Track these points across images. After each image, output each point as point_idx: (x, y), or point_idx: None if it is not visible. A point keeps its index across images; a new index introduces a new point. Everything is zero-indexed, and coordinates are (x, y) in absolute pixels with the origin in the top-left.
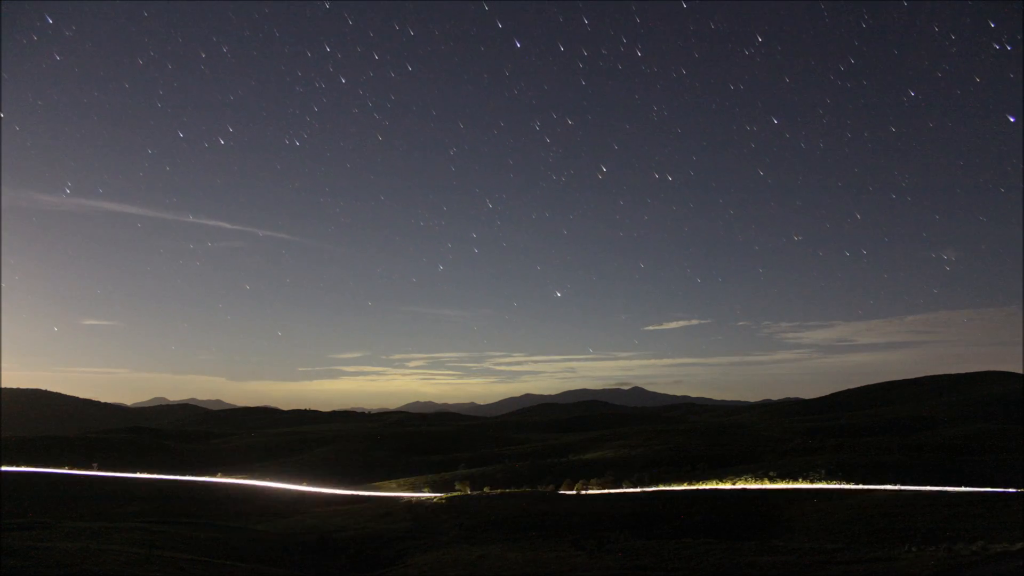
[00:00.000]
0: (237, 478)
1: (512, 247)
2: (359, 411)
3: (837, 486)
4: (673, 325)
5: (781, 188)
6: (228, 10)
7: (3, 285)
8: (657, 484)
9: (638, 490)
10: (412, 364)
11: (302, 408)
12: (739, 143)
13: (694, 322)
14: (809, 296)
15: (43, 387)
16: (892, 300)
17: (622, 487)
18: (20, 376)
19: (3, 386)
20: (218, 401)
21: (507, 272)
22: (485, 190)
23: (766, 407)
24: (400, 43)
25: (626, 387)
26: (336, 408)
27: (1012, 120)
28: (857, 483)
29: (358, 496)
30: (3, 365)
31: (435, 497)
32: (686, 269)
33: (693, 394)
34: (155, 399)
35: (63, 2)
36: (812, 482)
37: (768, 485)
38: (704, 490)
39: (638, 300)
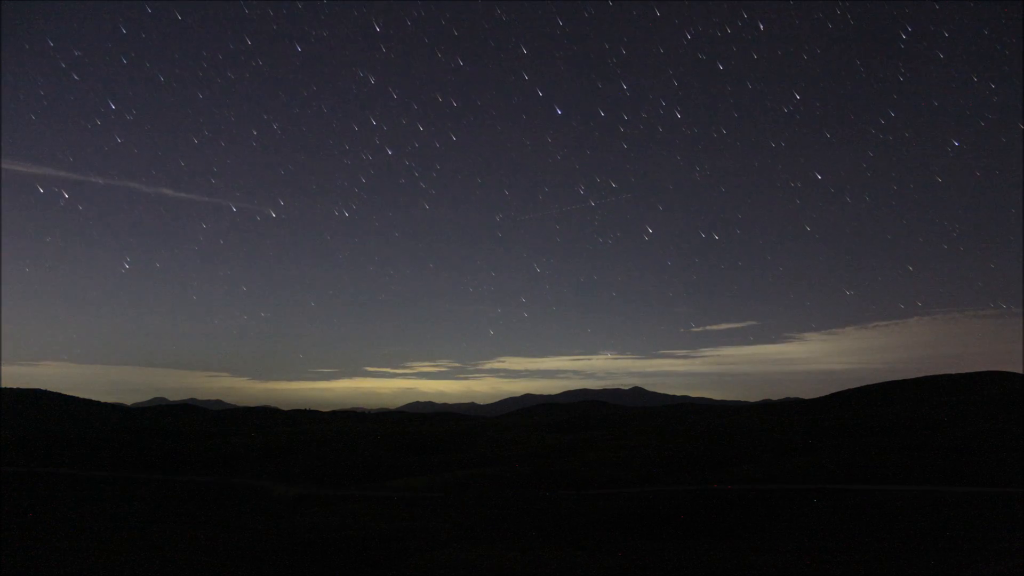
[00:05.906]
0: (237, 478)
1: (562, 311)
2: (359, 411)
3: (837, 486)
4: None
5: (829, 243)
6: (278, 89)
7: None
8: (657, 484)
9: (638, 490)
10: (412, 364)
11: (302, 408)
12: (784, 200)
13: (700, 328)
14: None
15: (43, 387)
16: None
17: (622, 487)
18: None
19: (3, 386)
20: (218, 401)
21: (558, 336)
22: (532, 255)
23: (766, 407)
24: (444, 114)
25: (626, 387)
26: (336, 408)
27: None
28: (857, 483)
29: (358, 496)
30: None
31: (435, 497)
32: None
33: (693, 394)
34: (155, 399)
35: (126, 88)
36: (812, 482)
37: (768, 485)
38: (704, 490)
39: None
